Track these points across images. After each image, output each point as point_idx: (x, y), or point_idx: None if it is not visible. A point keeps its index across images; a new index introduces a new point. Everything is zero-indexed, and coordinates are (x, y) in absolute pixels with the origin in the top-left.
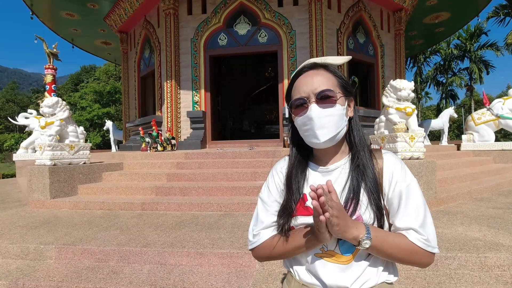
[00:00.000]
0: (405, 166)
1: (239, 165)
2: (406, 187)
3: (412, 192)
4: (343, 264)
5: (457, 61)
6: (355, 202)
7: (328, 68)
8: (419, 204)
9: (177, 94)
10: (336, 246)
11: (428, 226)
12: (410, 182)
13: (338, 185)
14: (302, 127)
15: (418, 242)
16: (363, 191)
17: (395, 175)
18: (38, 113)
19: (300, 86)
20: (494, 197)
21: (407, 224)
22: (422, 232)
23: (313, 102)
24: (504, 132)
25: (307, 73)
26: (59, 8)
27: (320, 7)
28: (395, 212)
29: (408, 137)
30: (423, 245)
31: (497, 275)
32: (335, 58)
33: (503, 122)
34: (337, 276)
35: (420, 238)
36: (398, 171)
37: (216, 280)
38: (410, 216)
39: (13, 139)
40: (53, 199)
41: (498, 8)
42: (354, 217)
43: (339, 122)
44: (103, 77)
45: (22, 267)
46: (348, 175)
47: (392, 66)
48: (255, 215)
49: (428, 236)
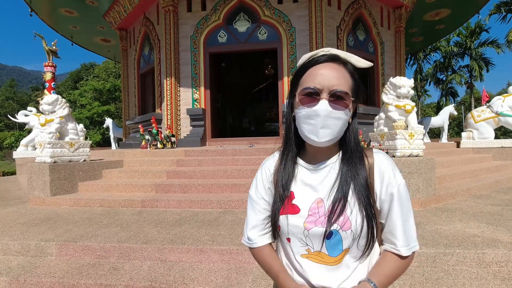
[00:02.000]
0: (395, 166)
1: (238, 162)
2: (397, 190)
3: (401, 195)
4: (331, 265)
5: (457, 59)
6: (343, 203)
7: (347, 67)
8: (407, 210)
9: (176, 91)
10: (322, 246)
11: (411, 230)
12: (400, 183)
13: (326, 184)
14: (305, 119)
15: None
16: (352, 192)
17: (386, 175)
18: (38, 110)
19: (316, 75)
20: (493, 194)
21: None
22: (404, 243)
23: (325, 98)
24: (504, 130)
25: (326, 64)
26: (58, 5)
27: (320, 4)
28: (385, 215)
29: (408, 134)
30: (407, 252)
31: (495, 271)
32: (358, 59)
33: (502, 119)
34: (324, 277)
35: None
36: (390, 171)
37: (216, 277)
38: (396, 224)
39: (13, 136)
40: (54, 197)
41: (500, 5)
42: (341, 218)
43: (342, 127)
44: (103, 75)
45: (23, 263)
46: (337, 174)
47: (392, 63)
48: (247, 213)
49: (410, 242)
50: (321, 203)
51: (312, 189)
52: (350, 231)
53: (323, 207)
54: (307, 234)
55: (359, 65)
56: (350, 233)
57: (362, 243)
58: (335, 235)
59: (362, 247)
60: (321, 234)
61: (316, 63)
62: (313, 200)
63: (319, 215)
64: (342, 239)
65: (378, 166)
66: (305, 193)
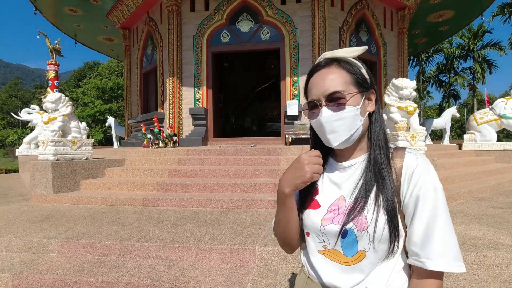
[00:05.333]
0: (431, 169)
1: (240, 162)
2: (424, 193)
3: (429, 199)
4: (345, 265)
5: (460, 61)
6: (362, 203)
7: (340, 63)
8: (437, 216)
9: (179, 91)
10: (337, 244)
11: (441, 241)
12: (430, 187)
13: (351, 183)
14: (316, 130)
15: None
16: (375, 193)
17: (414, 177)
18: (41, 108)
19: (311, 87)
20: (495, 197)
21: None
22: (426, 253)
23: (323, 105)
24: (506, 132)
25: (319, 72)
26: (62, 3)
27: (323, 5)
28: (409, 219)
29: (409, 136)
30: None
31: (496, 274)
32: (347, 50)
33: (505, 122)
34: (336, 276)
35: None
36: (418, 173)
37: (217, 275)
38: (416, 230)
39: (16, 134)
40: (56, 194)
41: (504, 6)
42: (358, 217)
43: (352, 125)
44: (106, 73)
45: (26, 260)
46: (362, 173)
47: (394, 64)
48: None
49: (429, 254)
50: (342, 201)
51: (337, 186)
52: (366, 232)
53: (344, 205)
54: (323, 230)
55: (350, 55)
56: (366, 234)
57: (383, 248)
58: (350, 234)
59: (382, 253)
60: (336, 232)
61: (312, 75)
62: (336, 197)
63: (339, 212)
64: (358, 240)
65: (406, 166)
66: (329, 190)
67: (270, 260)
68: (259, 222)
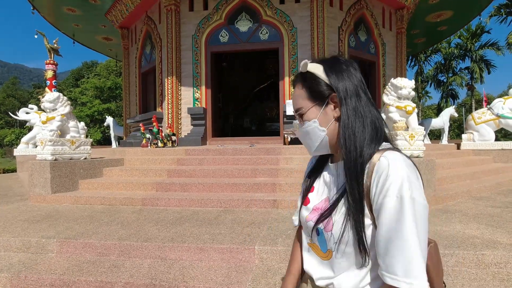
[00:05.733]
0: (400, 174)
1: (239, 161)
2: (389, 201)
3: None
4: (322, 259)
5: (458, 60)
6: (332, 205)
7: (302, 79)
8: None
9: (178, 90)
10: (314, 239)
11: (391, 253)
12: (400, 196)
13: (332, 183)
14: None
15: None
16: (344, 197)
17: (381, 180)
18: (39, 108)
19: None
20: (493, 196)
21: (377, 254)
22: (382, 264)
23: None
24: (504, 132)
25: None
26: (61, 3)
27: (322, 5)
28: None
29: (408, 136)
30: (381, 276)
31: (494, 272)
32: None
33: (503, 121)
34: (313, 267)
35: (379, 270)
36: (383, 179)
37: (216, 275)
38: (379, 240)
39: (14, 134)
40: (54, 194)
41: (500, 7)
42: (327, 219)
43: (314, 136)
44: (104, 73)
45: (24, 260)
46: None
47: (393, 64)
48: None
49: (387, 267)
50: (326, 202)
51: (327, 187)
52: (331, 233)
53: (325, 206)
54: (307, 226)
55: (302, 70)
56: (331, 236)
57: (349, 251)
58: (320, 233)
59: (351, 258)
60: (311, 229)
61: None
62: (322, 198)
63: (318, 212)
64: (326, 239)
65: (376, 171)
66: (320, 189)
67: (270, 260)
68: (258, 221)
